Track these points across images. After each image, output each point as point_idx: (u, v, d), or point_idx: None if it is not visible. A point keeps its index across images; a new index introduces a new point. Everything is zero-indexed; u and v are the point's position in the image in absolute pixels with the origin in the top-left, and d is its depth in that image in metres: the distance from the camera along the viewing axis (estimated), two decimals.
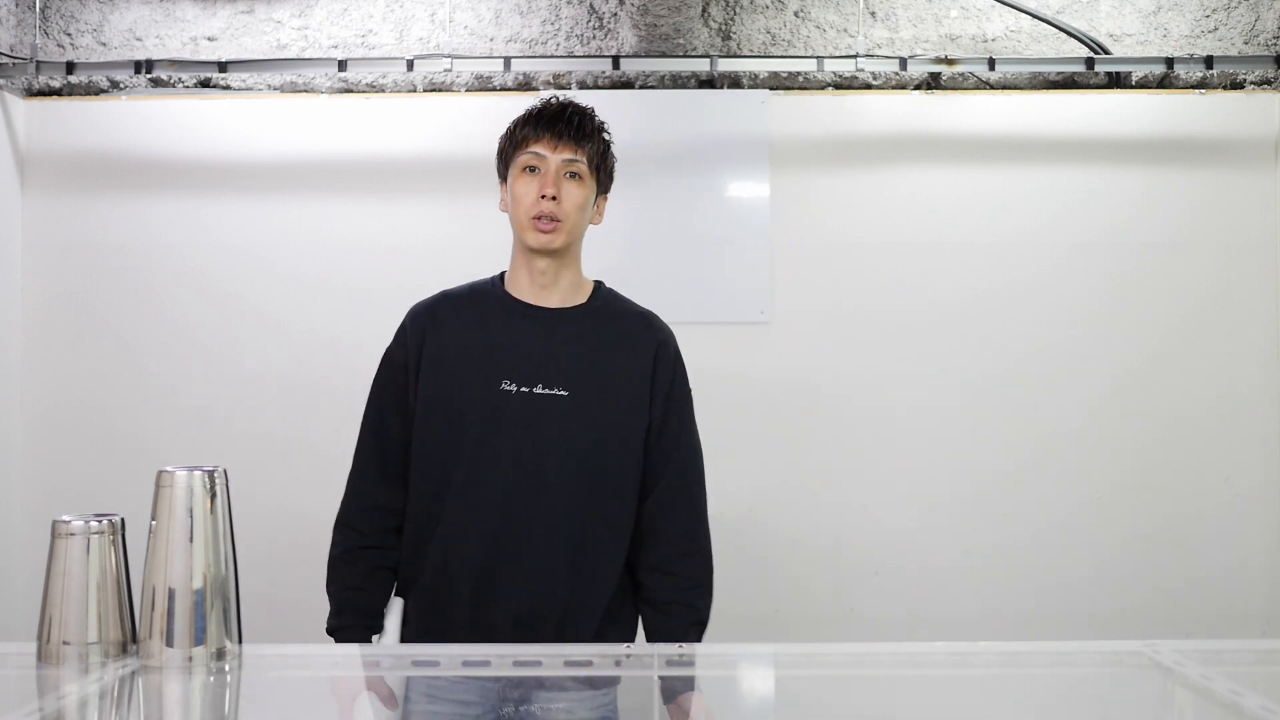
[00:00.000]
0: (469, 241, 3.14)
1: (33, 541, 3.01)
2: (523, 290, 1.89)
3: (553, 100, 1.88)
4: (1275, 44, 3.19)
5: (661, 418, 1.89)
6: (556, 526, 1.82)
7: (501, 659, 1.47)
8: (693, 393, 1.97)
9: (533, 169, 1.83)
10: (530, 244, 1.84)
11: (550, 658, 1.46)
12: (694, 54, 3.12)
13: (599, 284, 1.96)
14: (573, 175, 1.83)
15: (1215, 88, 3.17)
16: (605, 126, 1.91)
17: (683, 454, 1.91)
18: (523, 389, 1.82)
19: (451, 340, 1.87)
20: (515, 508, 1.81)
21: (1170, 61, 3.04)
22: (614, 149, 1.94)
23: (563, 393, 1.82)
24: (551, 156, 1.82)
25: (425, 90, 3.20)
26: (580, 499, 1.83)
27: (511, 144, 1.88)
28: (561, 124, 1.83)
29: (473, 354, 1.85)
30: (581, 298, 1.91)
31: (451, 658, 1.53)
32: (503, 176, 1.92)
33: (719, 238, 3.12)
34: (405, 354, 1.89)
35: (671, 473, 1.89)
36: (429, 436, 1.85)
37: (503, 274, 1.95)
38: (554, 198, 1.81)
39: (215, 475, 1.38)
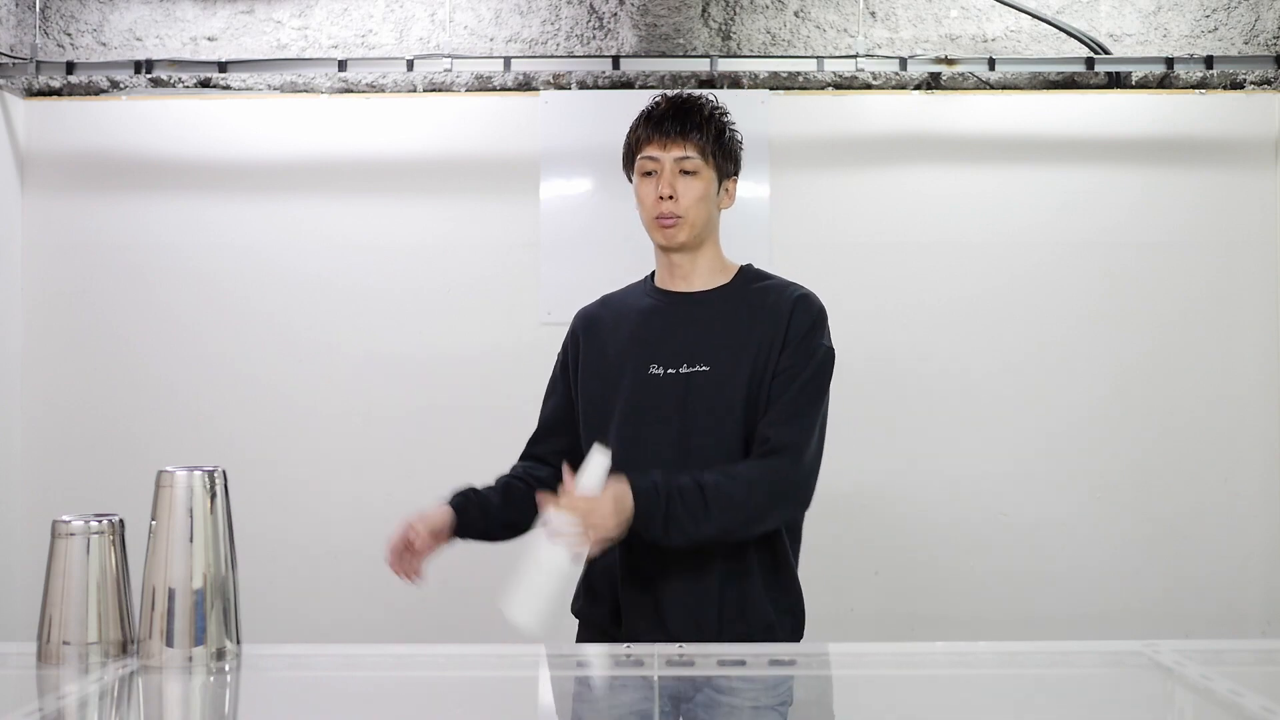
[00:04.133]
0: (469, 241, 3.15)
1: (33, 541, 3.00)
2: (666, 281, 1.97)
3: (661, 100, 1.93)
4: (1275, 44, 3.18)
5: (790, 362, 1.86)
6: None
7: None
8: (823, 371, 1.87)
9: (649, 172, 1.90)
10: (658, 242, 1.92)
11: (534, 656, 1.46)
12: (694, 54, 3.12)
13: (746, 266, 2.00)
14: (686, 171, 1.88)
15: (1215, 88, 3.17)
16: (721, 113, 1.93)
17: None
18: (669, 370, 1.89)
19: (606, 338, 1.97)
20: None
21: (1170, 61, 3.04)
22: (735, 134, 1.94)
23: (705, 368, 1.88)
24: (664, 156, 1.88)
25: (425, 90, 3.20)
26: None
27: (631, 149, 1.95)
28: (668, 122, 1.88)
29: (625, 346, 1.94)
30: (725, 279, 1.96)
31: (440, 658, 1.53)
32: (630, 179, 2.00)
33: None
34: (566, 356, 2.03)
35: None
36: (589, 433, 1.92)
37: (654, 271, 2.03)
38: (671, 197, 1.87)
39: (215, 475, 1.39)
